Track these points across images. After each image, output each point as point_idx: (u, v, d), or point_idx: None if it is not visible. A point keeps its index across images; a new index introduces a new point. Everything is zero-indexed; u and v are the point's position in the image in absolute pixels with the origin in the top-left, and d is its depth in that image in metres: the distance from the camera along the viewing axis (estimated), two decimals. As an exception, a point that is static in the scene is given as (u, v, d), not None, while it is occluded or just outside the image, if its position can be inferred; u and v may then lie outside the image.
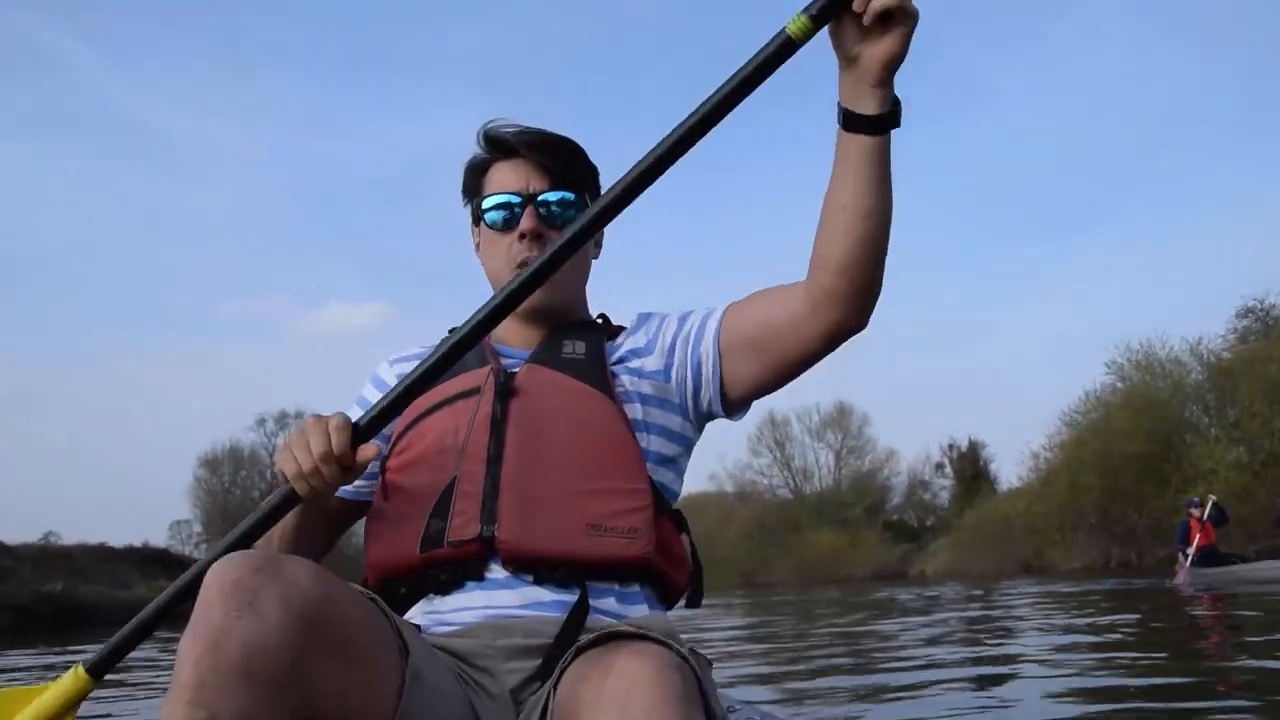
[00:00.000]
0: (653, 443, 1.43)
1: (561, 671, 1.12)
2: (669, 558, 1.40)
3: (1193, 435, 27.09)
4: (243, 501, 43.82)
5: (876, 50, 1.15)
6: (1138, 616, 8.11)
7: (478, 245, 1.56)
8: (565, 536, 1.31)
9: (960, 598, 13.46)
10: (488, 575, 1.32)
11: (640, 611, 1.36)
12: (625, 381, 1.45)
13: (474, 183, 1.54)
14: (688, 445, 1.51)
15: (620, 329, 1.57)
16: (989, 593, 14.39)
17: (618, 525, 1.33)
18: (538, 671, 1.25)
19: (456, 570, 1.33)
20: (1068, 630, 6.87)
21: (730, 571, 44.00)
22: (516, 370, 1.44)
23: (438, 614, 1.34)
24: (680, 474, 1.50)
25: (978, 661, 5.12)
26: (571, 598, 1.31)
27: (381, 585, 1.38)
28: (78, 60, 59.49)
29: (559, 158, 1.48)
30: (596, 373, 1.45)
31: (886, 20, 1.13)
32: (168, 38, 61.42)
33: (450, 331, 1.40)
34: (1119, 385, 30.82)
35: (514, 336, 1.52)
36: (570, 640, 1.21)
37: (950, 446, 47.50)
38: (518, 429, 1.37)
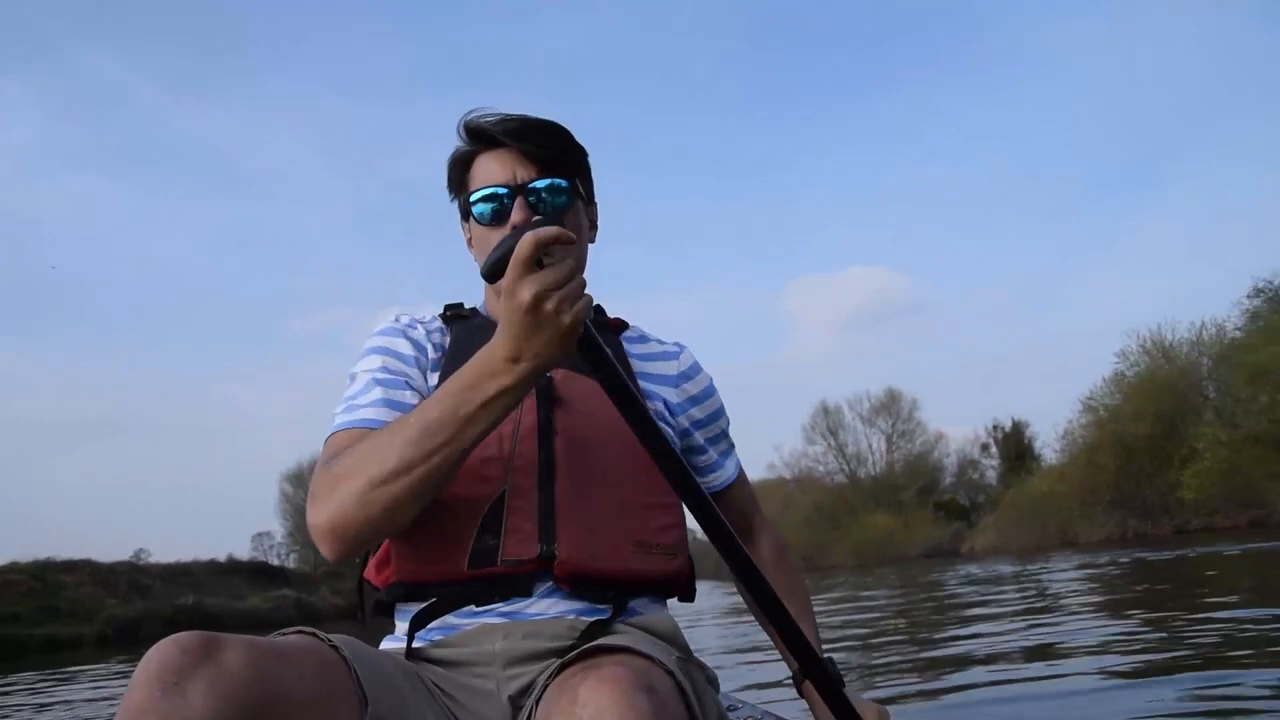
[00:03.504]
0: None
1: (545, 686, 1.11)
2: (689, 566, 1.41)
3: (1193, 416, 28.79)
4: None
5: None
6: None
7: (469, 240, 1.46)
8: (616, 555, 1.30)
9: (994, 577, 13.83)
10: (534, 592, 1.29)
11: (656, 613, 1.36)
12: (645, 393, 1.45)
13: (459, 177, 1.45)
14: None
15: (618, 321, 1.56)
16: (1026, 570, 14.87)
17: (660, 542, 1.32)
18: (536, 677, 1.22)
19: (505, 587, 1.28)
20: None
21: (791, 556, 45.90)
22: (550, 375, 1.38)
23: (449, 618, 1.30)
24: None
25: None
26: (598, 608, 1.30)
27: (402, 588, 1.33)
28: (142, 92, 63.98)
29: (545, 143, 1.39)
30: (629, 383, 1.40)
31: None
32: (231, 66, 65.31)
33: (447, 309, 1.51)
34: (1126, 373, 32.89)
35: None
36: (577, 647, 1.19)
37: (995, 427, 49.43)
38: (565, 441, 1.33)
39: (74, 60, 62.25)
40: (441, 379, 1.38)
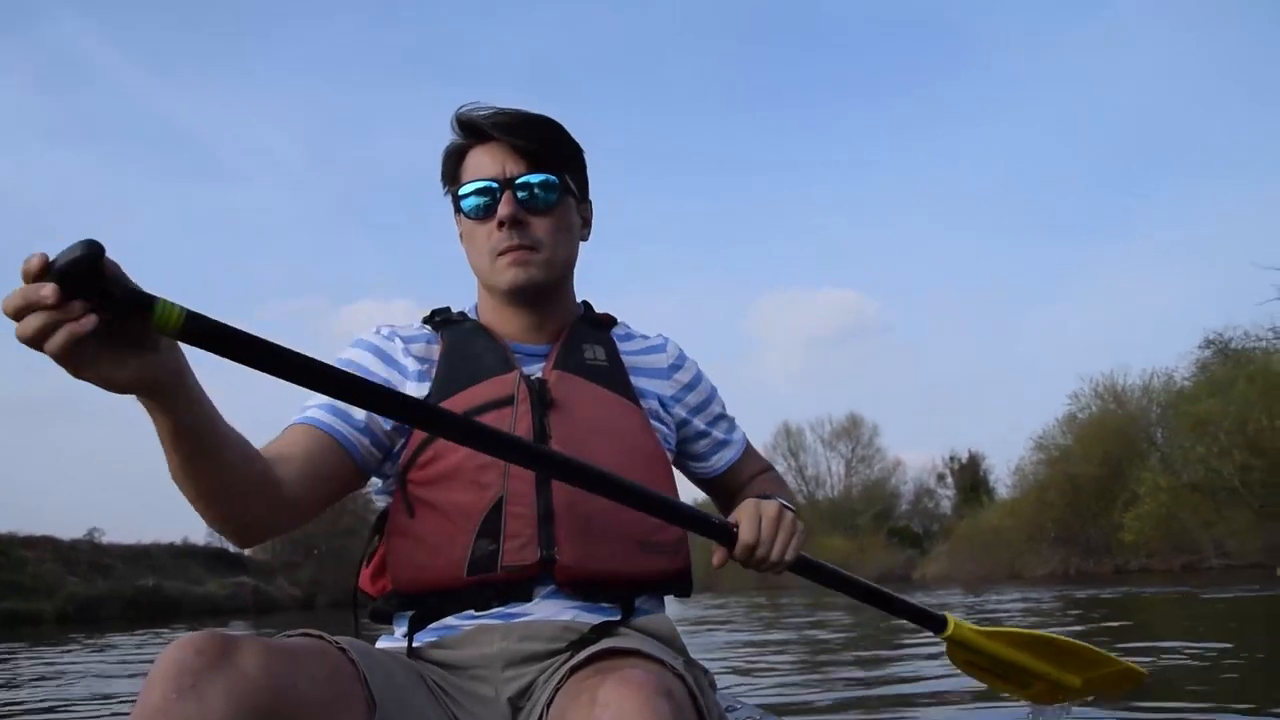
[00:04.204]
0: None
1: (556, 689, 1.11)
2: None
3: (1139, 461, 29.66)
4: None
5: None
6: None
7: (462, 234, 1.47)
8: (620, 556, 1.31)
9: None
10: (536, 595, 1.30)
11: (654, 614, 1.36)
12: (639, 390, 1.46)
13: (452, 170, 1.45)
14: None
15: (608, 317, 1.55)
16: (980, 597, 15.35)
17: (663, 540, 1.33)
18: (535, 679, 1.23)
19: (505, 592, 1.29)
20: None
21: (747, 576, 46.30)
22: (543, 378, 1.39)
23: (449, 620, 1.31)
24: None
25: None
26: (604, 608, 1.32)
27: (398, 598, 1.34)
28: (116, 68, 63.25)
29: (536, 138, 1.39)
30: (622, 381, 1.44)
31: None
32: (206, 46, 64.95)
33: (433, 314, 1.49)
34: (1078, 415, 33.96)
35: (516, 329, 1.46)
36: (581, 649, 1.19)
37: (951, 458, 50.54)
38: (561, 444, 1.31)
39: (50, 31, 61.79)
40: (435, 386, 1.39)
